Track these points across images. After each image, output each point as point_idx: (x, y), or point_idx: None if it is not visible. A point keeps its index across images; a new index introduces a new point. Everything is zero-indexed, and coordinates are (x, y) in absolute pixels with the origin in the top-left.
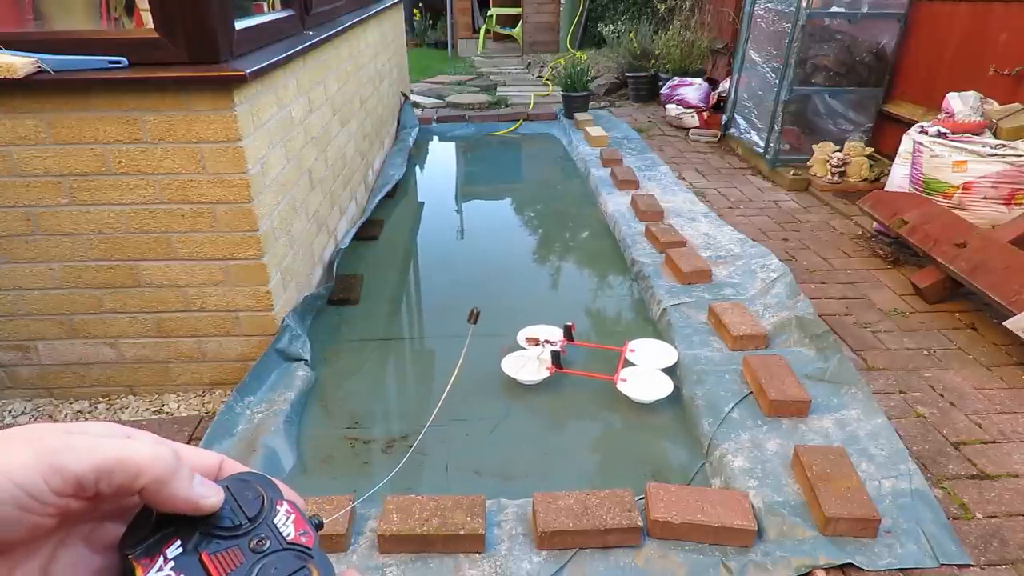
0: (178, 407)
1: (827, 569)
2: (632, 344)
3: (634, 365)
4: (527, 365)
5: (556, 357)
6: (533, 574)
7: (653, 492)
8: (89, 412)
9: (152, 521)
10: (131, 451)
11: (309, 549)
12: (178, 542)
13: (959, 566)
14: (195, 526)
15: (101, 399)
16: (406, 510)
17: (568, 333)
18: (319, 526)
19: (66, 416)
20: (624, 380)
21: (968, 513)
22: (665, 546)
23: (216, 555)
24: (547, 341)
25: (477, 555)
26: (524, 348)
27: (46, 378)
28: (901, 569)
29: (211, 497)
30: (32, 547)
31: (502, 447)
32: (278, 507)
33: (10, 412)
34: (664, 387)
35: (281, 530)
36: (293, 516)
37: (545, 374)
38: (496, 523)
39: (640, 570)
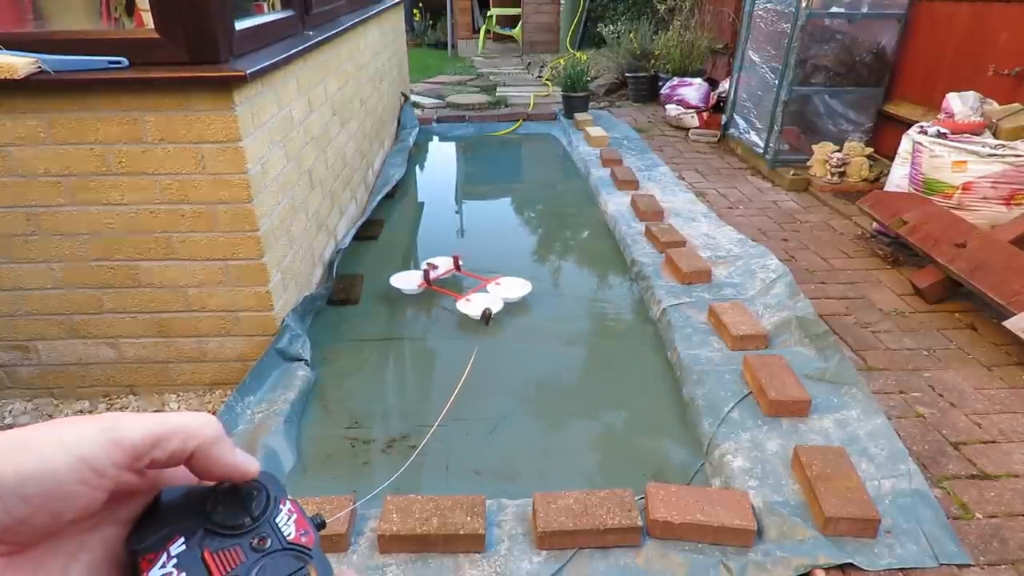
0: (178, 407)
1: (827, 569)
2: (501, 280)
3: (487, 293)
4: (411, 282)
5: (426, 275)
6: (533, 574)
7: (653, 492)
8: (89, 412)
9: (158, 518)
10: (180, 417)
11: (309, 550)
12: (182, 539)
13: (959, 566)
14: (199, 523)
15: (101, 399)
16: (406, 510)
17: (456, 264)
18: (321, 525)
19: (66, 416)
20: (468, 300)
21: (968, 513)
22: (665, 546)
23: (217, 553)
24: (434, 265)
25: (477, 555)
26: (419, 269)
27: (46, 378)
28: (901, 569)
29: (253, 464)
30: (56, 544)
31: (502, 447)
32: (281, 506)
33: (10, 412)
34: (488, 306)
35: (283, 529)
36: (295, 515)
37: (419, 288)
38: (496, 523)
39: (640, 570)
